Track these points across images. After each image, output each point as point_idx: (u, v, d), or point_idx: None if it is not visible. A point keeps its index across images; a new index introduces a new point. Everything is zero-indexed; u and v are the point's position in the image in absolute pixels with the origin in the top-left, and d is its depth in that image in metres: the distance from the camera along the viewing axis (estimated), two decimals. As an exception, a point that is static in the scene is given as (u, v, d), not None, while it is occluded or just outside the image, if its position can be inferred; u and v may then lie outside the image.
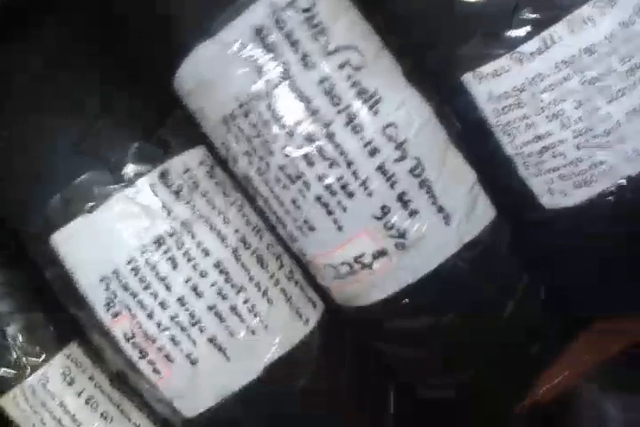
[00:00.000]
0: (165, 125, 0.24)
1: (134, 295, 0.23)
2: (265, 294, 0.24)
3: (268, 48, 0.22)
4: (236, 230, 0.24)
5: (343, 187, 0.22)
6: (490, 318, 0.25)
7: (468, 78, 0.23)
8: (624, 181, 0.22)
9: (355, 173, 0.22)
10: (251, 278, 0.24)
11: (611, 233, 0.23)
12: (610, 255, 0.24)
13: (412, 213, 0.22)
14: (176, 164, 0.24)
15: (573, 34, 0.21)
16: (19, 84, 0.24)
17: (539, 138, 0.22)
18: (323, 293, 0.26)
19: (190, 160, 0.24)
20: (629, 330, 0.28)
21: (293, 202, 0.23)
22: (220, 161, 0.25)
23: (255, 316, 0.23)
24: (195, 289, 0.23)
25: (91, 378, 0.25)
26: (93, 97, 0.24)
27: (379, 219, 0.22)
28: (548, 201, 0.24)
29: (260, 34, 0.22)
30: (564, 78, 0.21)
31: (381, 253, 0.23)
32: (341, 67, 0.22)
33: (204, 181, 0.24)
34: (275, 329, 0.23)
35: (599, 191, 0.23)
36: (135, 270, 0.23)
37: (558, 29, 0.21)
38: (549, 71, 0.21)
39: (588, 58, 0.21)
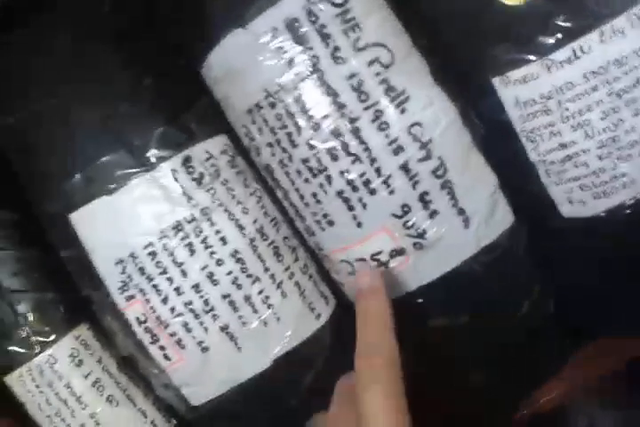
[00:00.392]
0: (190, 112, 0.24)
1: (150, 279, 0.23)
2: (279, 286, 0.24)
3: (299, 40, 0.22)
4: (255, 221, 0.24)
5: (365, 183, 0.22)
6: (503, 321, 0.25)
7: (497, 82, 0.23)
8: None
9: (378, 170, 0.22)
10: (266, 269, 0.24)
11: (626, 246, 0.23)
12: (622, 268, 0.24)
13: (433, 214, 0.22)
14: (199, 151, 0.24)
15: (604, 45, 0.21)
16: (48, 64, 0.24)
17: (562, 146, 0.22)
18: (336, 289, 0.26)
19: (213, 148, 0.24)
20: (631, 346, 0.28)
21: (314, 196, 0.23)
22: (242, 151, 0.25)
23: (268, 307, 0.23)
24: (210, 277, 0.23)
25: (99, 361, 0.25)
26: (122, 79, 0.24)
27: (399, 217, 0.22)
28: (566, 210, 0.24)
29: (291, 26, 0.22)
30: (592, 89, 0.21)
31: (399, 252, 0.23)
32: (371, 63, 0.22)
33: (226, 170, 0.24)
34: (287, 322, 0.24)
35: (618, 203, 0.23)
36: (152, 255, 0.23)
37: (590, 39, 0.21)
38: (578, 81, 0.21)
39: (616, 69, 0.21)
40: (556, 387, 0.29)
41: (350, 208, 0.23)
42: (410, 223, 0.23)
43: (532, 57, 0.22)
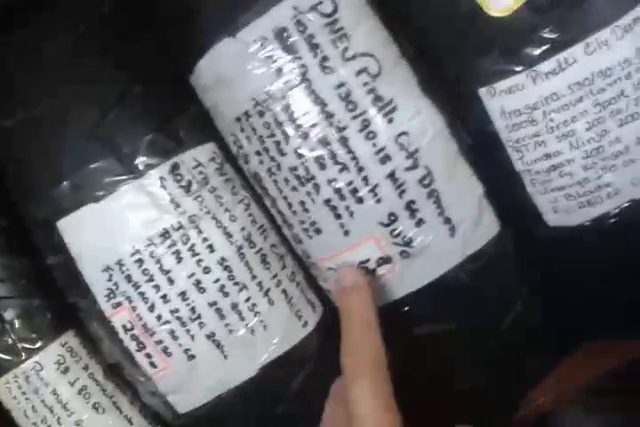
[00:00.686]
0: (179, 119, 0.24)
1: (136, 287, 0.23)
2: (266, 293, 0.24)
3: (288, 50, 0.22)
4: (242, 228, 0.24)
5: (353, 192, 0.22)
6: (489, 328, 0.25)
7: (483, 93, 0.23)
8: (628, 204, 0.23)
9: (365, 179, 0.22)
10: (253, 277, 0.24)
11: (611, 254, 0.24)
12: (609, 276, 0.24)
13: (419, 223, 0.23)
14: (187, 158, 0.24)
15: (589, 57, 0.21)
16: (38, 68, 0.24)
17: (548, 156, 0.23)
18: (323, 296, 0.26)
19: (201, 155, 0.24)
20: (630, 347, 0.28)
21: (302, 204, 0.23)
22: (230, 158, 0.25)
23: (255, 315, 0.23)
24: (197, 284, 0.23)
25: (85, 368, 0.25)
26: (111, 86, 0.24)
27: (385, 226, 0.23)
28: (552, 219, 0.24)
29: (281, 35, 0.22)
30: (577, 100, 0.22)
31: (386, 260, 0.23)
32: (359, 73, 0.22)
33: (214, 178, 0.24)
34: (274, 329, 0.24)
35: (603, 213, 0.23)
36: (139, 262, 0.23)
37: (575, 51, 0.21)
38: (563, 92, 0.22)
39: (601, 81, 0.21)
40: (554, 387, 0.29)
41: (337, 216, 0.23)
42: (396, 232, 0.23)
43: (518, 68, 0.22)
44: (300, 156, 0.23)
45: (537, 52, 0.22)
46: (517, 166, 0.24)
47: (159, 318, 0.23)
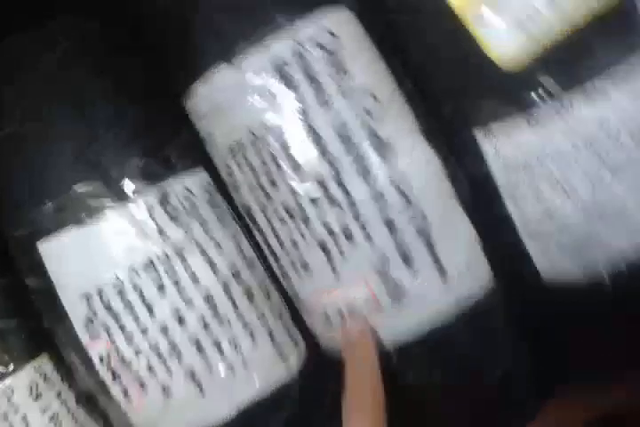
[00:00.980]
0: (172, 145, 0.24)
1: (116, 318, 0.22)
2: (250, 330, 0.23)
3: (286, 82, 0.22)
4: (230, 262, 0.23)
5: (345, 231, 0.22)
6: (479, 378, 0.24)
7: (479, 135, 0.23)
8: (621, 254, 0.22)
9: (358, 219, 0.22)
10: (237, 313, 0.23)
11: (602, 303, 0.23)
12: (598, 323, 0.24)
13: (411, 267, 0.22)
14: (178, 186, 0.23)
15: (586, 104, 0.21)
16: (28, 83, 0.24)
17: (541, 203, 0.23)
18: (307, 332, 0.26)
19: (192, 184, 0.24)
20: (602, 399, 0.28)
21: (291, 239, 0.23)
22: (221, 188, 0.25)
23: (237, 353, 0.23)
24: (179, 318, 0.22)
25: (58, 395, 0.25)
26: (104, 106, 0.23)
27: (377, 268, 0.22)
28: (544, 266, 0.24)
29: (279, 67, 0.22)
30: (573, 147, 0.22)
31: (374, 304, 0.22)
32: (356, 108, 0.22)
33: (204, 208, 0.24)
34: (255, 368, 0.23)
35: (594, 262, 0.23)
36: (120, 291, 0.22)
37: (572, 98, 0.21)
38: (559, 139, 0.21)
39: (597, 129, 0.21)
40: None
41: (327, 255, 0.22)
42: (388, 275, 0.22)
43: (515, 112, 0.22)
44: (292, 189, 0.22)
45: (535, 97, 0.21)
46: (510, 211, 0.23)
47: (137, 350, 0.22)
